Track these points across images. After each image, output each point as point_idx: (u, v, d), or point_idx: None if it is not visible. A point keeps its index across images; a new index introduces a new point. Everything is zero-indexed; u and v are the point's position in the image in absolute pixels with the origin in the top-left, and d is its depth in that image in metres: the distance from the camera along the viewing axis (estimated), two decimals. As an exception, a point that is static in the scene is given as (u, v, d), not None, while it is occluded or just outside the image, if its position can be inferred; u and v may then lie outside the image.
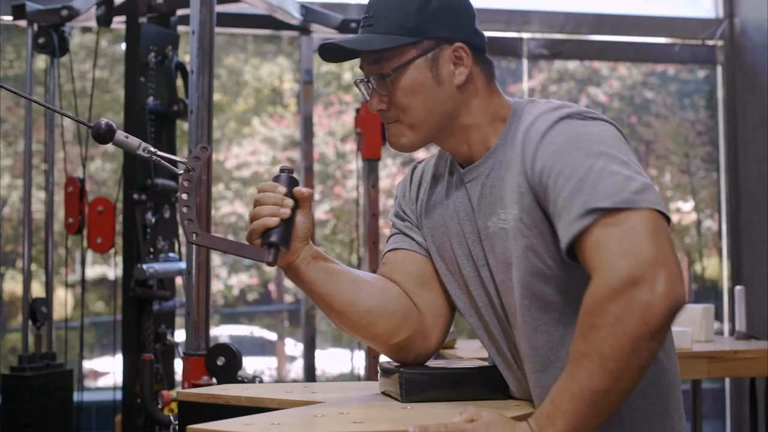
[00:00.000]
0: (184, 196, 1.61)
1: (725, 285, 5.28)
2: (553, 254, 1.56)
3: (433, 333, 1.76)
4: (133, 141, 1.63)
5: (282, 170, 1.66)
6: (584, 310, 1.43)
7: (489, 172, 1.66)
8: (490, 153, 1.67)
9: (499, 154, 1.65)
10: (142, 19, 3.61)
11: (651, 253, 1.40)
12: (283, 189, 1.63)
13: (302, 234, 1.66)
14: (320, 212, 6.40)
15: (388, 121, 1.72)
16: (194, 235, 1.61)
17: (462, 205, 1.70)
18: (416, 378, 1.63)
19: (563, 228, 1.50)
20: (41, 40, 3.69)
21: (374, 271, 1.83)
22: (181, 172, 1.63)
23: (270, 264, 1.59)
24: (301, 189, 1.65)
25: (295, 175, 1.68)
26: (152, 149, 1.64)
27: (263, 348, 7.02)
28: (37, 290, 4.03)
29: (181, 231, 3.64)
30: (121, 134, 1.62)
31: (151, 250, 3.54)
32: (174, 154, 3.65)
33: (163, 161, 1.65)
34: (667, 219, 1.47)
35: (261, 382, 2.41)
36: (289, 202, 1.63)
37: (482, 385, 1.65)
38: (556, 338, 1.58)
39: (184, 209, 1.61)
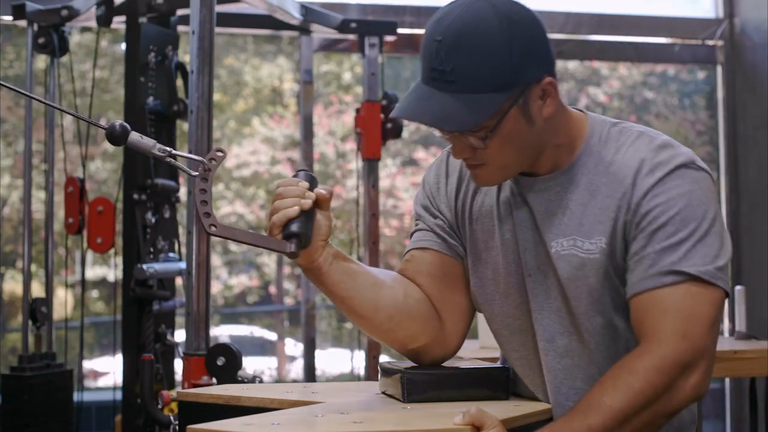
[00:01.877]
0: (201, 192, 1.60)
1: (725, 285, 5.27)
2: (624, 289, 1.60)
3: (452, 338, 1.75)
4: (148, 141, 1.61)
5: (300, 170, 1.65)
6: (625, 368, 1.51)
7: (560, 190, 1.63)
8: (564, 170, 1.63)
9: (577, 176, 1.62)
10: (142, 19, 3.60)
11: (705, 344, 1.52)
12: (305, 183, 1.60)
13: (323, 233, 1.61)
14: (320, 212, 6.41)
15: (475, 163, 1.61)
16: (212, 227, 1.58)
17: (520, 214, 1.66)
18: (418, 378, 1.63)
19: (639, 276, 1.55)
20: (41, 40, 3.69)
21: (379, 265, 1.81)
22: (196, 173, 1.61)
23: (292, 255, 1.56)
24: (321, 189, 1.61)
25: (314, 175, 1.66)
26: (167, 149, 1.62)
27: (263, 348, 7.03)
28: (37, 290, 4.03)
29: (181, 231, 3.65)
30: (135, 135, 1.61)
31: (151, 250, 3.54)
32: (174, 154, 3.65)
33: (178, 162, 1.64)
34: (727, 297, 1.57)
35: (261, 382, 2.41)
36: (311, 194, 1.58)
37: (484, 385, 1.65)
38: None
39: (201, 204, 1.59)
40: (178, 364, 3.55)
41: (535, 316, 1.65)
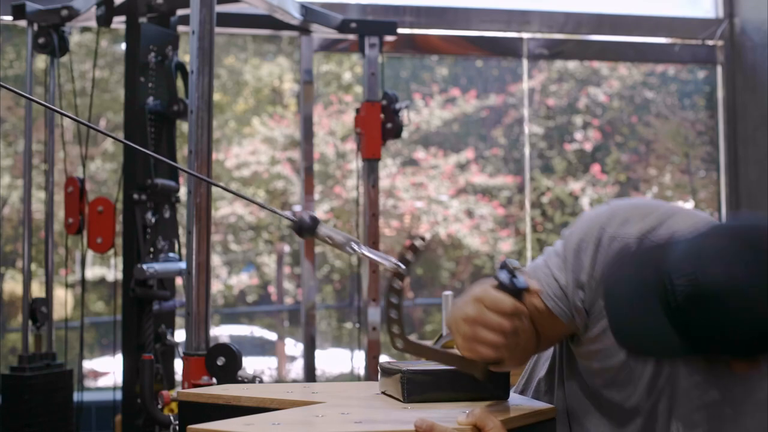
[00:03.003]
0: (394, 300, 1.45)
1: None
2: None
3: None
4: (340, 237, 1.52)
5: (511, 283, 1.45)
6: None
7: None
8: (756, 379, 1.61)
9: None
10: (142, 19, 3.60)
11: None
12: (522, 309, 1.46)
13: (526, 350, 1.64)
14: (320, 212, 6.40)
15: None
16: (401, 342, 1.46)
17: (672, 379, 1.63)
18: (418, 378, 1.62)
19: None
20: (41, 40, 3.69)
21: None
22: (400, 285, 1.46)
23: (482, 379, 1.51)
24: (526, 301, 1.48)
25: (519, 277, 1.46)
26: (362, 248, 1.51)
27: (263, 348, 7.03)
28: (37, 290, 4.02)
29: (181, 231, 3.65)
30: (324, 228, 1.52)
31: (151, 250, 3.54)
32: (174, 154, 3.66)
33: (372, 257, 1.52)
34: None
35: (261, 382, 2.41)
36: (522, 324, 1.49)
37: (483, 385, 1.65)
38: None
39: (393, 314, 1.45)
40: (178, 364, 3.55)
41: None
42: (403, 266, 1.46)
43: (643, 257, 1.49)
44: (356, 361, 4.39)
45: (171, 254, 3.61)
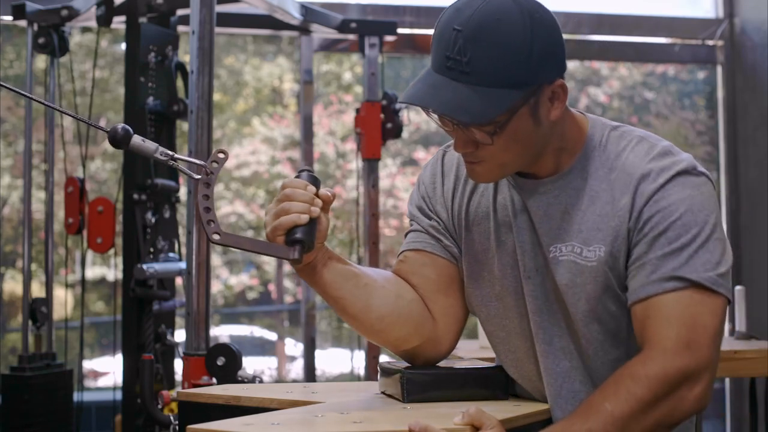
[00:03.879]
0: (204, 198, 1.57)
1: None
2: (626, 296, 1.58)
3: (445, 340, 1.74)
4: (150, 145, 1.60)
5: (303, 170, 1.62)
6: (627, 374, 1.48)
7: (559, 194, 1.62)
8: (563, 174, 1.62)
9: (576, 180, 1.61)
10: (142, 19, 3.61)
11: (709, 355, 1.49)
12: (313, 188, 1.57)
13: (322, 235, 1.60)
14: (320, 212, 6.40)
15: (474, 160, 1.58)
16: (216, 235, 1.57)
17: (518, 217, 1.64)
18: (417, 378, 1.63)
19: (641, 282, 1.53)
20: (41, 40, 3.69)
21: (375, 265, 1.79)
22: (198, 176, 1.59)
23: (296, 261, 1.55)
24: (326, 191, 1.58)
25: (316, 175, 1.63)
26: (169, 152, 1.60)
27: (263, 348, 7.02)
28: (37, 290, 4.02)
29: (181, 231, 3.65)
30: (137, 139, 1.60)
31: (151, 250, 3.54)
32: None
33: (180, 164, 1.62)
34: (729, 304, 1.55)
35: (261, 382, 2.41)
36: (319, 201, 1.56)
37: (483, 385, 1.65)
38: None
39: (204, 211, 1.57)
40: (178, 364, 3.55)
41: (533, 318, 1.64)
42: (210, 163, 1.59)
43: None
44: (356, 361, 4.39)
45: (171, 254, 3.61)
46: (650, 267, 1.53)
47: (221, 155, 1.61)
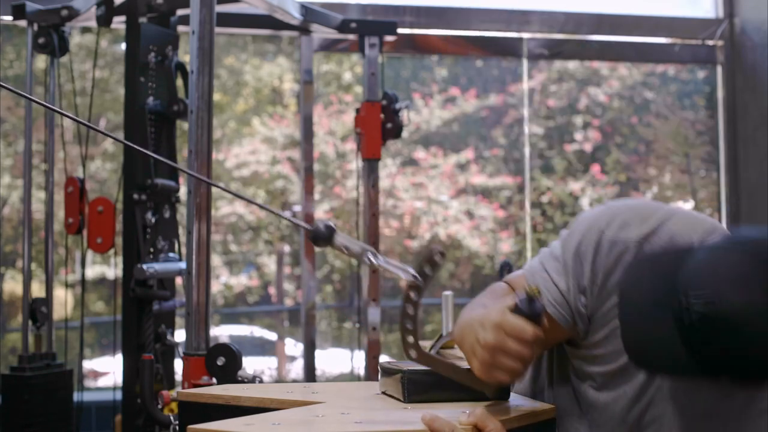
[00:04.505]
0: (410, 310, 1.46)
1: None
2: None
3: None
4: (355, 247, 1.50)
5: (530, 308, 1.44)
6: None
7: None
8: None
9: None
10: (142, 19, 3.60)
11: None
12: (539, 335, 1.45)
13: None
14: (320, 212, 6.40)
15: None
16: (413, 351, 1.47)
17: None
18: (419, 378, 1.62)
19: None
20: (41, 40, 3.69)
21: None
22: (414, 298, 1.46)
23: (491, 397, 1.53)
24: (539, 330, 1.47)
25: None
26: (379, 259, 1.49)
27: (263, 348, 7.03)
28: (37, 290, 4.02)
29: (181, 231, 3.65)
30: (341, 237, 1.50)
31: (151, 250, 3.54)
32: (174, 154, 3.65)
33: (390, 268, 1.50)
34: None
35: (261, 382, 2.41)
36: (536, 351, 1.48)
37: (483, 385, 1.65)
38: None
39: (408, 324, 1.47)
40: (178, 364, 3.55)
41: None
42: (420, 278, 1.46)
43: (660, 266, 1.46)
44: (356, 361, 4.39)
45: (171, 254, 3.61)
46: None
47: (438, 258, 1.45)
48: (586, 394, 1.67)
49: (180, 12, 3.68)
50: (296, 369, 6.59)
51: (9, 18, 3.79)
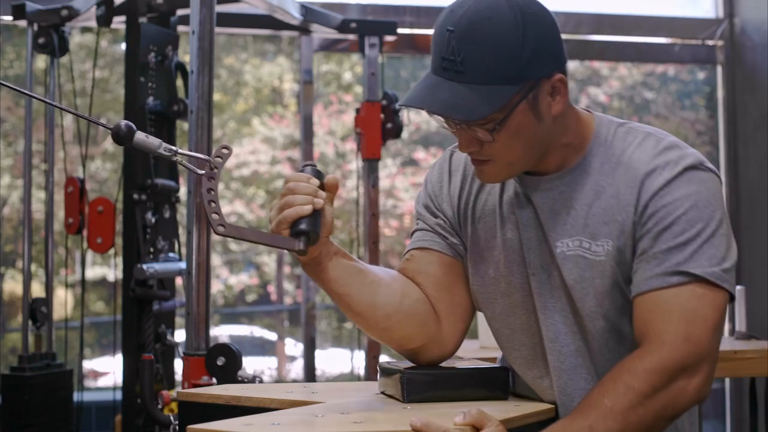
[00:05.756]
0: (208, 191, 1.59)
1: (725, 285, 5.26)
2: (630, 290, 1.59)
3: (451, 339, 1.74)
4: (153, 141, 1.61)
5: (307, 164, 1.62)
6: (625, 368, 1.50)
7: (564, 189, 1.62)
8: (569, 169, 1.62)
9: (581, 176, 1.61)
10: (142, 19, 3.60)
11: (708, 346, 1.51)
12: (316, 181, 1.57)
13: (327, 229, 1.59)
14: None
15: (480, 158, 1.59)
16: (221, 227, 1.58)
17: (524, 213, 1.65)
18: (417, 378, 1.62)
19: (644, 276, 1.54)
20: (41, 40, 3.69)
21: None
22: (202, 172, 1.61)
23: (301, 252, 1.55)
24: (331, 177, 1.59)
25: (320, 168, 1.63)
26: (173, 148, 1.61)
27: (263, 348, 7.03)
28: (37, 290, 4.02)
29: (181, 231, 3.65)
30: (140, 135, 1.60)
31: (151, 250, 3.54)
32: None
33: (183, 160, 1.63)
34: (732, 300, 1.55)
35: (261, 382, 2.41)
36: (322, 193, 1.57)
37: (483, 385, 1.65)
38: None
39: (210, 203, 1.59)
40: (178, 364, 3.55)
41: (539, 315, 1.65)
42: (214, 158, 1.62)
43: None
44: (356, 361, 4.39)
45: (171, 254, 3.61)
46: (654, 261, 1.53)
47: (225, 150, 1.62)
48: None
49: (180, 12, 3.68)
50: (296, 369, 6.59)
51: (9, 18, 3.79)
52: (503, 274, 1.68)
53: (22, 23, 3.74)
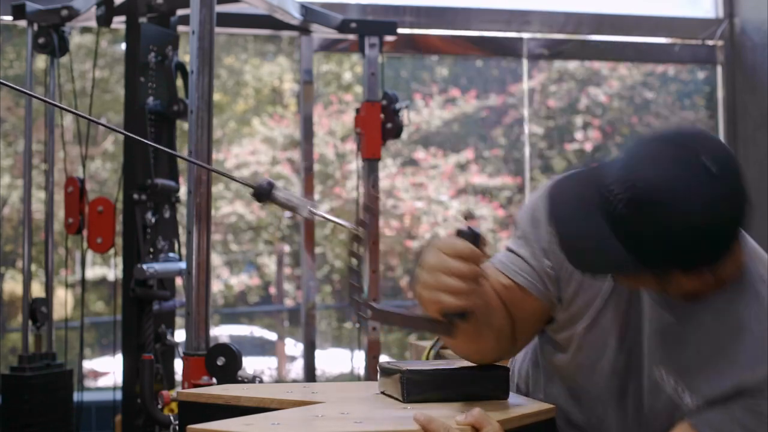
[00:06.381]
0: (356, 266, 1.49)
1: (725, 285, 5.26)
2: None
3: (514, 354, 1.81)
4: (296, 201, 1.55)
5: (464, 231, 1.45)
6: None
7: (684, 318, 1.57)
8: (710, 300, 1.56)
9: (707, 317, 1.56)
10: (142, 19, 3.60)
11: None
12: (478, 253, 1.43)
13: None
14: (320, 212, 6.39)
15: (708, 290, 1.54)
16: (368, 311, 1.47)
17: (637, 316, 1.62)
18: (417, 378, 1.62)
19: (711, 418, 1.50)
20: (41, 40, 3.69)
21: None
22: (360, 231, 1.52)
23: (451, 338, 1.51)
24: (483, 240, 1.47)
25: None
26: (319, 212, 1.56)
27: (263, 348, 7.02)
28: (37, 290, 4.02)
29: (181, 231, 3.65)
30: (280, 193, 1.55)
31: (151, 250, 3.54)
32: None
33: (330, 219, 1.59)
34: None
35: (261, 382, 2.41)
36: (485, 281, 1.49)
37: (483, 385, 1.65)
38: None
39: (354, 281, 1.49)
40: (178, 364, 3.55)
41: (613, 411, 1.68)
42: (361, 228, 1.54)
43: (585, 179, 1.50)
44: (356, 361, 4.39)
45: (171, 254, 3.61)
46: (728, 415, 1.49)
47: (373, 202, 1.54)
48: (572, 377, 1.72)
49: (180, 12, 3.68)
50: (296, 369, 6.59)
51: (9, 18, 3.79)
52: (606, 375, 1.68)
53: (22, 23, 3.74)
